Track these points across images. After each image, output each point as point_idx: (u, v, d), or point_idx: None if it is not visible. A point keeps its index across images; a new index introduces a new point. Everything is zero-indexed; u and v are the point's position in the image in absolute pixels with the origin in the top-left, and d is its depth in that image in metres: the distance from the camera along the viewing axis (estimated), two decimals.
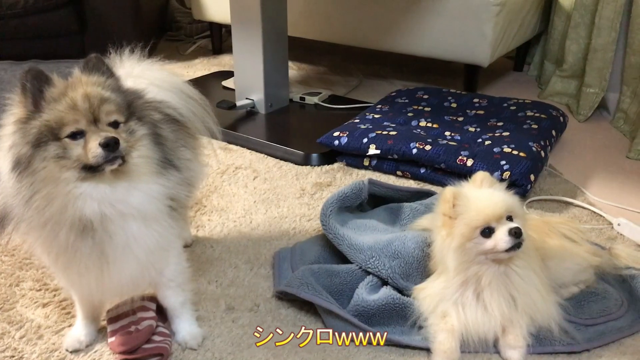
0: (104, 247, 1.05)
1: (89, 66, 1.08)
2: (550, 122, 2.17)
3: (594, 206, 1.83)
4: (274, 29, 2.39)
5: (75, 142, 1.00)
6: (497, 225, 1.19)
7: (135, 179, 1.06)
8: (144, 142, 1.08)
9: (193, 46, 3.61)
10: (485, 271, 1.22)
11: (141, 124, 1.09)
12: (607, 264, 1.45)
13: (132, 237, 1.07)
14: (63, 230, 1.02)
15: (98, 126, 1.02)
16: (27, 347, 1.25)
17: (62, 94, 1.01)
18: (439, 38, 2.64)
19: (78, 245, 1.04)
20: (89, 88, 1.03)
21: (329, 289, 1.35)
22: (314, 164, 2.11)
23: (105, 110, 1.03)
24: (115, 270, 1.08)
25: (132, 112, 1.08)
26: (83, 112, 1.01)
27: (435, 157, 1.90)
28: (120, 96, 1.07)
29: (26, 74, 1.00)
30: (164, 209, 1.11)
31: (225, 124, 2.36)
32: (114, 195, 1.04)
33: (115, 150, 1.00)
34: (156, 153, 1.09)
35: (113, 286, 1.12)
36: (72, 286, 1.19)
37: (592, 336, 1.28)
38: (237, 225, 1.73)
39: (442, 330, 1.23)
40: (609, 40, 2.47)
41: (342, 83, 2.96)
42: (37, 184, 0.99)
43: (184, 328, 1.28)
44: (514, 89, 2.96)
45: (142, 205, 1.07)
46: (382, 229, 1.52)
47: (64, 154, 1.00)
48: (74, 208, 1.01)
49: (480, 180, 1.27)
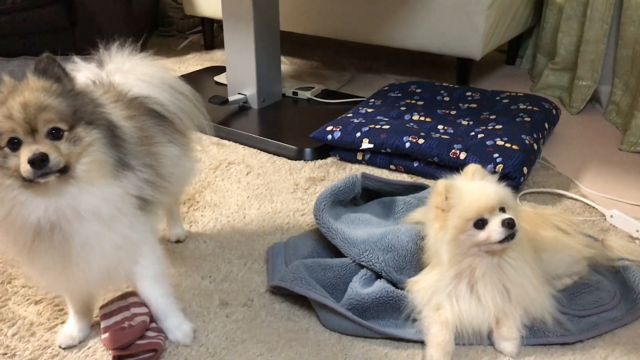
0: (62, 248, 1.04)
1: (38, 68, 1.03)
2: (543, 114, 2.18)
3: (586, 198, 1.84)
4: (266, 24, 2.38)
5: (13, 153, 0.99)
6: (489, 216, 1.19)
7: (85, 183, 1.03)
8: (95, 147, 1.04)
9: (185, 42, 3.59)
10: (479, 263, 1.22)
11: (92, 129, 1.04)
12: (600, 255, 1.45)
13: (92, 238, 1.06)
14: (16, 232, 1.02)
15: (35, 137, 0.99)
16: (19, 344, 1.25)
17: (2, 101, 0.99)
18: (432, 32, 2.64)
19: (36, 245, 1.03)
20: (29, 95, 0.99)
21: (322, 283, 1.35)
22: (307, 158, 2.10)
23: (43, 119, 0.99)
24: (79, 269, 1.07)
25: (80, 118, 1.03)
26: (19, 122, 0.97)
27: (428, 150, 1.89)
28: (65, 102, 1.02)
29: None
30: (125, 208, 1.08)
31: (217, 119, 2.35)
32: (60, 202, 1.02)
33: (44, 167, 0.97)
34: (110, 157, 1.06)
35: (79, 282, 1.11)
36: (40, 282, 1.18)
37: (585, 327, 1.29)
38: (230, 220, 1.73)
39: (436, 323, 1.23)
40: (601, 32, 2.47)
41: (334, 77, 2.96)
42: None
43: (173, 325, 1.26)
44: (507, 82, 2.97)
45: (97, 208, 1.04)
46: (375, 223, 1.51)
47: (3, 162, 0.99)
48: (19, 214, 1.00)
49: (472, 172, 1.27)
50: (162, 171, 1.20)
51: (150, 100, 1.29)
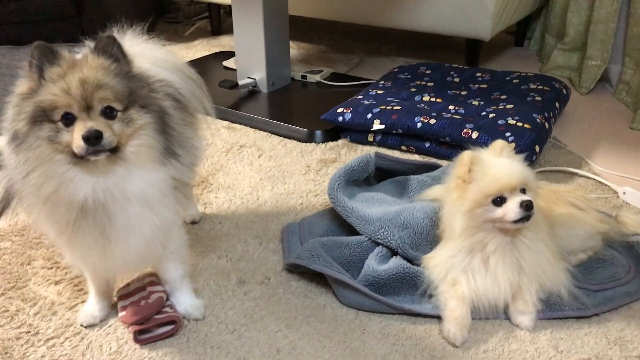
0: (104, 227, 1.05)
1: (98, 47, 1.05)
2: (554, 94, 2.17)
3: (598, 176, 1.84)
4: (275, 8, 2.37)
5: (66, 128, 1.00)
6: (509, 195, 1.19)
7: (133, 166, 1.04)
8: (145, 131, 1.05)
9: (192, 27, 3.59)
10: (491, 239, 1.23)
11: (144, 112, 1.05)
12: (614, 231, 1.46)
13: (134, 220, 1.07)
14: (62, 208, 1.03)
15: (90, 114, 1.00)
16: (42, 322, 1.27)
17: (61, 75, 1.00)
18: (440, 13, 2.63)
19: (79, 222, 1.04)
20: (88, 72, 1.00)
21: (339, 261, 1.36)
22: (318, 140, 2.11)
23: (99, 96, 1.00)
24: (117, 249, 1.09)
25: (134, 100, 1.04)
26: (75, 98, 0.99)
27: (440, 130, 1.90)
28: (122, 82, 1.03)
29: (34, 49, 1.00)
30: (167, 192, 1.10)
31: (228, 103, 2.35)
32: (108, 182, 1.03)
33: (97, 144, 0.98)
34: (159, 143, 1.07)
35: (117, 263, 1.13)
36: (77, 261, 1.19)
37: (600, 301, 1.30)
38: (244, 202, 1.74)
39: (453, 298, 1.24)
40: (611, 11, 2.46)
41: (343, 61, 2.95)
42: (32, 161, 1.00)
43: (185, 300, 1.29)
44: (516, 63, 2.96)
45: (142, 192, 1.06)
46: (389, 201, 1.52)
47: (55, 137, 1.00)
48: (67, 190, 1.01)
49: (500, 148, 1.26)
50: (194, 152, 1.22)
51: (166, 84, 1.30)
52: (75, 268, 1.28)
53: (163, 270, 1.28)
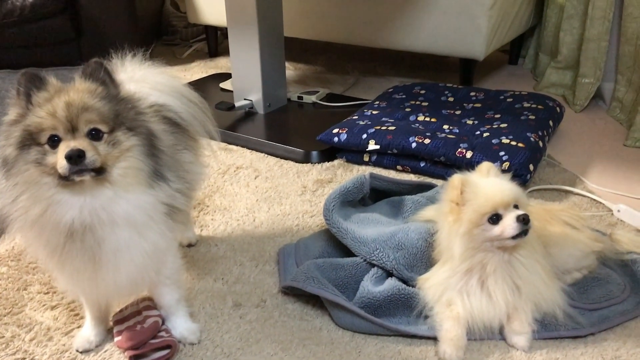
0: (93, 252, 1.05)
1: (86, 72, 1.07)
2: (547, 112, 2.19)
3: (593, 194, 1.85)
4: (271, 30, 2.40)
5: (52, 150, 1.01)
6: (504, 212, 1.20)
7: (120, 188, 1.04)
8: (132, 153, 1.06)
9: (189, 50, 3.62)
10: (490, 259, 1.24)
11: (132, 135, 1.06)
12: (608, 249, 1.46)
13: (123, 244, 1.07)
14: (50, 232, 1.04)
15: (75, 135, 1.01)
16: (37, 349, 1.27)
17: (47, 99, 1.02)
18: (434, 33, 2.66)
19: (68, 246, 1.04)
20: (74, 95, 1.02)
21: (334, 282, 1.37)
22: (314, 161, 2.12)
23: (84, 118, 1.01)
24: (108, 274, 1.09)
25: (121, 122, 1.05)
26: (61, 120, 1.00)
27: (435, 150, 1.91)
28: (108, 105, 1.04)
29: (21, 76, 1.02)
30: (157, 217, 1.10)
31: (224, 125, 2.37)
32: (94, 204, 1.03)
33: (79, 163, 0.98)
34: (146, 165, 1.07)
35: (109, 288, 1.13)
36: (69, 285, 1.18)
37: (596, 320, 1.30)
38: (240, 223, 1.75)
39: (448, 319, 1.25)
40: (603, 30, 2.49)
41: (339, 81, 2.98)
42: (20, 185, 1.02)
43: (180, 324, 1.29)
44: (510, 82, 2.98)
45: (130, 215, 1.06)
46: (385, 222, 1.53)
47: (42, 159, 1.01)
48: (54, 213, 1.02)
49: (487, 169, 1.29)
50: (188, 178, 1.23)
51: (165, 108, 1.31)
52: (70, 293, 1.27)
53: (158, 294, 1.28)
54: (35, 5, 3.04)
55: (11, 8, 3.02)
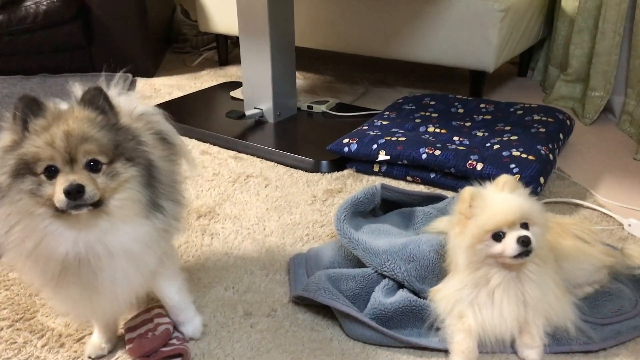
0: (89, 282, 1.04)
1: (85, 98, 1.03)
2: (557, 125, 2.19)
3: (603, 207, 1.85)
4: (282, 39, 2.42)
5: (49, 181, 0.97)
6: (508, 230, 1.20)
7: (117, 220, 1.02)
8: (131, 184, 1.03)
9: (199, 58, 3.65)
10: (495, 274, 1.23)
11: (130, 165, 1.03)
12: (620, 264, 1.46)
13: (121, 275, 1.05)
14: (45, 263, 1.01)
15: (73, 167, 0.98)
16: (49, 355, 1.27)
17: (45, 127, 0.98)
18: (445, 45, 2.67)
19: (63, 277, 1.02)
20: (73, 124, 0.98)
21: (345, 293, 1.37)
22: (324, 170, 2.13)
23: (83, 149, 0.98)
24: (105, 301, 1.08)
25: (120, 153, 1.02)
26: (59, 150, 0.96)
27: (445, 161, 1.91)
28: (108, 135, 1.01)
29: (19, 101, 0.98)
30: (154, 245, 1.09)
31: (235, 133, 2.38)
32: (90, 236, 1.01)
33: (78, 198, 0.95)
34: (144, 196, 1.05)
35: (106, 313, 1.13)
36: (64, 310, 1.17)
37: (608, 335, 1.29)
38: (250, 232, 1.75)
39: (460, 331, 1.24)
40: (613, 43, 2.50)
41: (348, 91, 2.99)
42: (14, 215, 0.98)
43: (185, 319, 1.30)
44: (519, 94, 2.99)
45: (126, 247, 1.04)
46: (395, 233, 1.53)
47: (37, 190, 0.97)
48: (48, 245, 1.00)
49: (503, 183, 1.26)
50: (183, 201, 1.22)
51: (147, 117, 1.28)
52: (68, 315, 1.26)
53: (157, 288, 1.26)
54: (48, 12, 3.08)
55: (24, 15, 3.06)
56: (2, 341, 1.30)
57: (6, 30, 3.05)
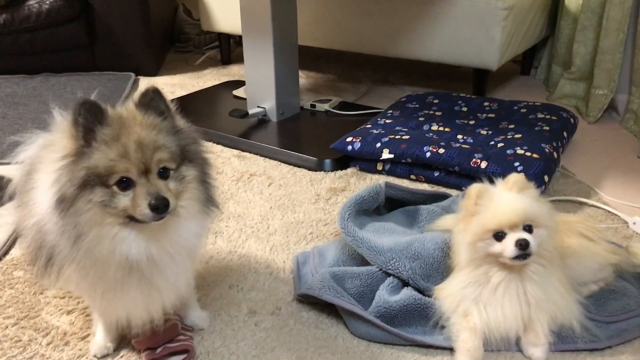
0: (152, 280, 1.05)
1: (144, 101, 1.01)
2: (561, 123, 2.19)
3: (608, 206, 1.84)
4: (285, 38, 2.42)
5: (123, 193, 0.97)
6: (509, 232, 1.19)
7: (182, 220, 1.05)
8: (192, 184, 1.05)
9: (202, 57, 3.64)
10: (495, 272, 1.24)
11: (192, 166, 1.05)
12: (625, 262, 1.45)
13: (181, 269, 1.09)
14: (112, 269, 1.01)
15: (149, 177, 0.97)
16: (54, 353, 1.27)
17: (114, 137, 0.96)
18: (448, 43, 2.67)
19: (126, 280, 1.04)
20: (143, 133, 0.97)
21: (350, 291, 1.37)
22: (327, 169, 2.13)
23: (157, 158, 0.98)
24: (161, 297, 1.10)
25: (184, 157, 1.03)
26: (134, 162, 0.96)
27: (449, 160, 1.91)
28: (174, 141, 1.01)
29: (80, 107, 0.94)
30: (204, 236, 1.15)
31: (238, 132, 2.38)
32: (160, 239, 1.03)
33: (165, 211, 0.97)
34: (202, 193, 1.07)
35: (158, 310, 1.14)
36: (113, 315, 1.16)
37: (613, 333, 1.29)
38: (254, 231, 1.75)
39: (465, 329, 1.24)
40: (617, 41, 2.49)
41: (351, 90, 2.99)
42: (82, 226, 0.96)
43: (192, 313, 1.33)
44: (523, 92, 2.98)
45: (189, 242, 1.07)
46: (400, 231, 1.53)
47: (109, 201, 0.96)
48: (121, 251, 1.00)
49: (513, 182, 1.24)
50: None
51: None
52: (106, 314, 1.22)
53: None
54: (51, 11, 3.08)
55: (27, 14, 3.06)
56: (7, 339, 1.30)
57: (9, 29, 3.06)
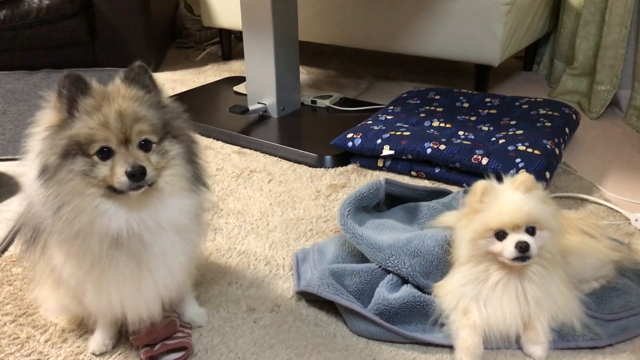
0: (140, 257, 1.05)
1: (130, 76, 1.03)
2: (563, 119, 2.17)
3: (610, 202, 1.83)
4: (285, 34, 2.40)
5: (103, 163, 0.98)
6: (511, 232, 1.18)
7: (165, 195, 1.05)
8: (177, 161, 1.06)
9: (203, 53, 3.63)
10: (495, 270, 1.23)
11: (176, 143, 1.06)
12: (626, 259, 1.44)
13: (169, 247, 1.07)
14: (95, 242, 1.01)
15: (128, 147, 0.99)
16: (52, 350, 1.26)
17: (96, 107, 0.98)
18: (449, 39, 2.65)
19: (113, 254, 1.03)
20: (124, 104, 0.99)
21: (349, 289, 1.36)
22: (327, 165, 2.12)
23: (137, 129, 0.99)
24: (153, 278, 1.09)
25: (168, 132, 1.04)
26: (114, 131, 0.97)
27: (450, 156, 1.90)
28: (157, 114, 1.03)
29: (64, 79, 0.97)
30: (196, 219, 1.12)
31: (238, 128, 2.37)
32: (141, 212, 1.03)
33: (141, 179, 0.98)
34: (188, 171, 1.08)
35: (149, 295, 1.11)
36: (104, 301, 1.12)
37: (614, 331, 1.28)
38: (254, 227, 1.74)
39: (465, 327, 1.23)
40: (620, 37, 2.47)
41: (352, 86, 2.97)
42: (63, 195, 0.98)
43: (189, 309, 1.32)
44: (525, 88, 2.97)
45: (175, 220, 1.06)
46: (400, 228, 1.52)
47: (90, 171, 0.98)
48: (101, 223, 1.00)
49: (520, 182, 1.22)
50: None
51: None
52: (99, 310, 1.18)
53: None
54: (51, 7, 3.06)
55: (27, 10, 3.05)
56: (5, 336, 1.30)
57: (9, 25, 3.04)
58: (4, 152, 2.20)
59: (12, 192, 1.89)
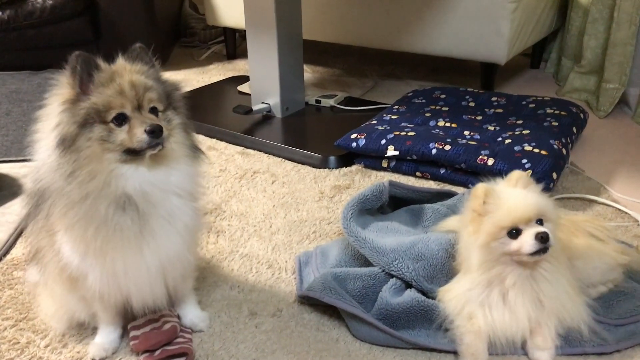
0: (147, 219, 1.10)
1: (132, 55, 1.13)
2: (571, 119, 2.14)
3: (618, 203, 1.80)
4: (289, 33, 2.38)
5: (119, 128, 1.06)
6: (524, 227, 1.16)
7: (172, 161, 1.13)
8: (178, 130, 1.16)
9: (207, 52, 3.62)
10: (510, 272, 1.20)
11: (176, 113, 1.16)
12: (635, 262, 1.42)
13: (176, 208, 1.14)
14: (104, 204, 1.06)
15: (142, 113, 1.08)
16: (52, 355, 1.25)
17: (109, 79, 1.07)
18: (455, 37, 2.62)
19: (119, 218, 1.07)
20: (134, 76, 1.09)
21: (352, 293, 1.34)
22: (331, 166, 2.10)
23: (148, 97, 1.09)
24: (156, 244, 1.12)
25: (170, 102, 1.15)
26: (129, 98, 1.07)
27: (455, 157, 1.88)
28: (161, 86, 1.13)
29: (76, 57, 1.05)
30: (197, 188, 1.20)
31: (241, 128, 2.36)
32: (154, 177, 1.10)
33: (159, 137, 1.07)
34: (187, 140, 1.18)
35: (153, 264, 1.14)
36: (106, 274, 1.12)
37: (622, 336, 1.25)
38: (257, 229, 1.73)
39: (469, 332, 1.21)
40: (629, 34, 2.44)
41: (357, 85, 2.95)
42: (80, 160, 1.05)
43: (190, 312, 1.33)
44: (532, 86, 2.93)
45: (181, 183, 1.14)
46: (404, 231, 1.50)
47: (108, 137, 1.06)
48: (116, 184, 1.07)
49: (516, 179, 1.23)
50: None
51: None
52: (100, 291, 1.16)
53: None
54: (55, 7, 3.06)
55: (31, 10, 3.05)
56: (5, 341, 1.29)
57: (13, 25, 3.04)
58: (7, 154, 2.20)
59: (14, 195, 1.89)
